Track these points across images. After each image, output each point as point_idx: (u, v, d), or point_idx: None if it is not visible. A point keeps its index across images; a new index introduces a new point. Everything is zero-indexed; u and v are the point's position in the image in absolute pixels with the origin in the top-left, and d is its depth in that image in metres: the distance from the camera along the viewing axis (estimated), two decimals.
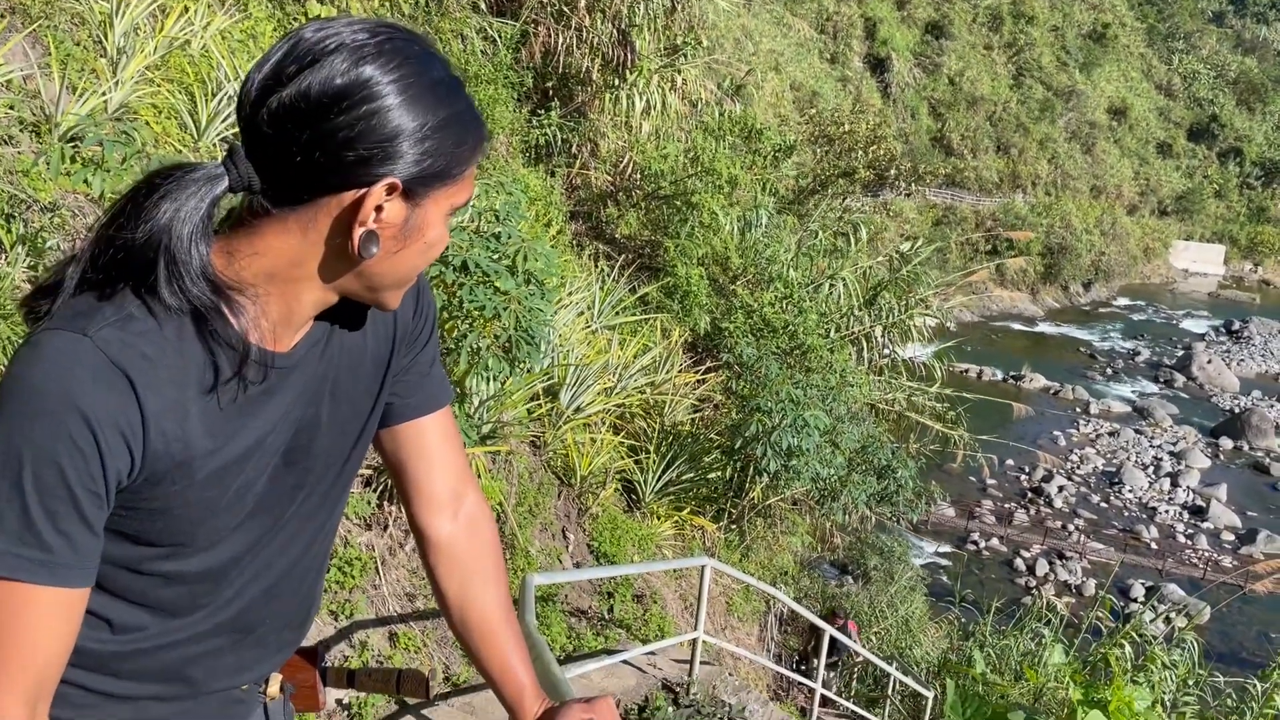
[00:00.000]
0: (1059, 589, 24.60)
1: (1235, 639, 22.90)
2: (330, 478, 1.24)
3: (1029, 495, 29.64)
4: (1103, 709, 2.96)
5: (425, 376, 1.33)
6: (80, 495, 0.96)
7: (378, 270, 1.08)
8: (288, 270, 1.05)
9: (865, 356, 14.18)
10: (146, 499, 1.03)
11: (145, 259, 0.99)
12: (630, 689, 5.53)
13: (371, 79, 0.98)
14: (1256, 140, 74.33)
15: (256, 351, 1.06)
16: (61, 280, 1.02)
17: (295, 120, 0.97)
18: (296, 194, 1.01)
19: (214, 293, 1.01)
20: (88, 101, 5.01)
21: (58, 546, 0.96)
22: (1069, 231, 52.06)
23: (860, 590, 14.75)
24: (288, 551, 1.22)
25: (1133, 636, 10.20)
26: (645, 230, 12.12)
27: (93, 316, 0.98)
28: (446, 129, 1.03)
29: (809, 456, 8.83)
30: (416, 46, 1.03)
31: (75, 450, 0.94)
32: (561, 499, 7.56)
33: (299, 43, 1.00)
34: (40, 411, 0.93)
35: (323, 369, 1.17)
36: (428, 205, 1.06)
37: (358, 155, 0.98)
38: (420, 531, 1.37)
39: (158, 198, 1.00)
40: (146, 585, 1.11)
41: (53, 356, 0.95)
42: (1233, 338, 50.52)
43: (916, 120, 53.28)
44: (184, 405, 1.02)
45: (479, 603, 1.36)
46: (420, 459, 1.34)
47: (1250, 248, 68.82)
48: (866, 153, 18.66)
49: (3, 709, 0.96)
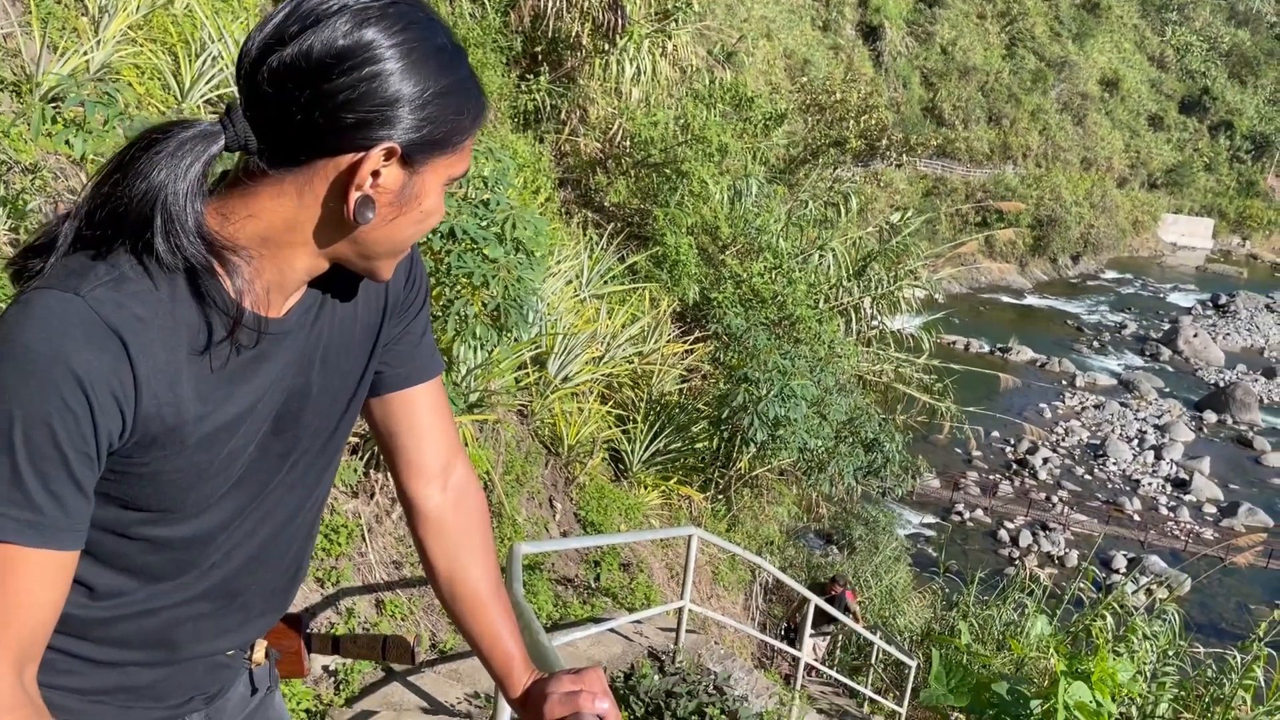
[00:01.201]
0: (1042, 560, 24.83)
1: (1215, 610, 23.19)
2: (318, 446, 1.23)
3: (1014, 467, 29.84)
4: (1086, 680, 2.99)
5: (416, 347, 1.32)
6: (71, 456, 0.95)
7: (372, 238, 1.06)
8: (282, 234, 1.04)
9: (854, 328, 14.19)
10: (136, 463, 1.02)
11: (141, 215, 0.97)
12: (616, 657, 5.56)
13: (374, 41, 0.97)
14: (1248, 114, 74.27)
15: (250, 316, 1.05)
16: (55, 239, 1.00)
17: (295, 79, 0.96)
18: (294, 155, 0.99)
19: (209, 251, 1.00)
20: (69, 61, 4.94)
21: (48, 508, 0.95)
22: (1058, 204, 52.05)
23: (845, 560, 14.84)
24: (274, 518, 1.21)
25: (1114, 608, 10.30)
26: (634, 198, 12.06)
27: (85, 276, 0.96)
28: (447, 96, 1.01)
29: (796, 427, 8.84)
30: (421, 12, 1.02)
31: (67, 411, 0.93)
32: (549, 468, 7.56)
33: (302, 2, 0.98)
34: (31, 371, 0.92)
35: (314, 337, 1.15)
36: (425, 174, 1.04)
37: (357, 118, 0.97)
38: (409, 502, 1.36)
39: (154, 154, 0.98)
40: (131, 550, 1.09)
41: (45, 316, 0.93)
42: (1219, 312, 50.74)
43: (908, 90, 53.05)
44: (176, 368, 1.01)
45: (467, 574, 1.35)
46: (410, 429, 1.33)
47: (1239, 222, 68.93)
48: (858, 122, 18.58)
49: None
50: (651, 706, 4.96)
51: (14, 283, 1.01)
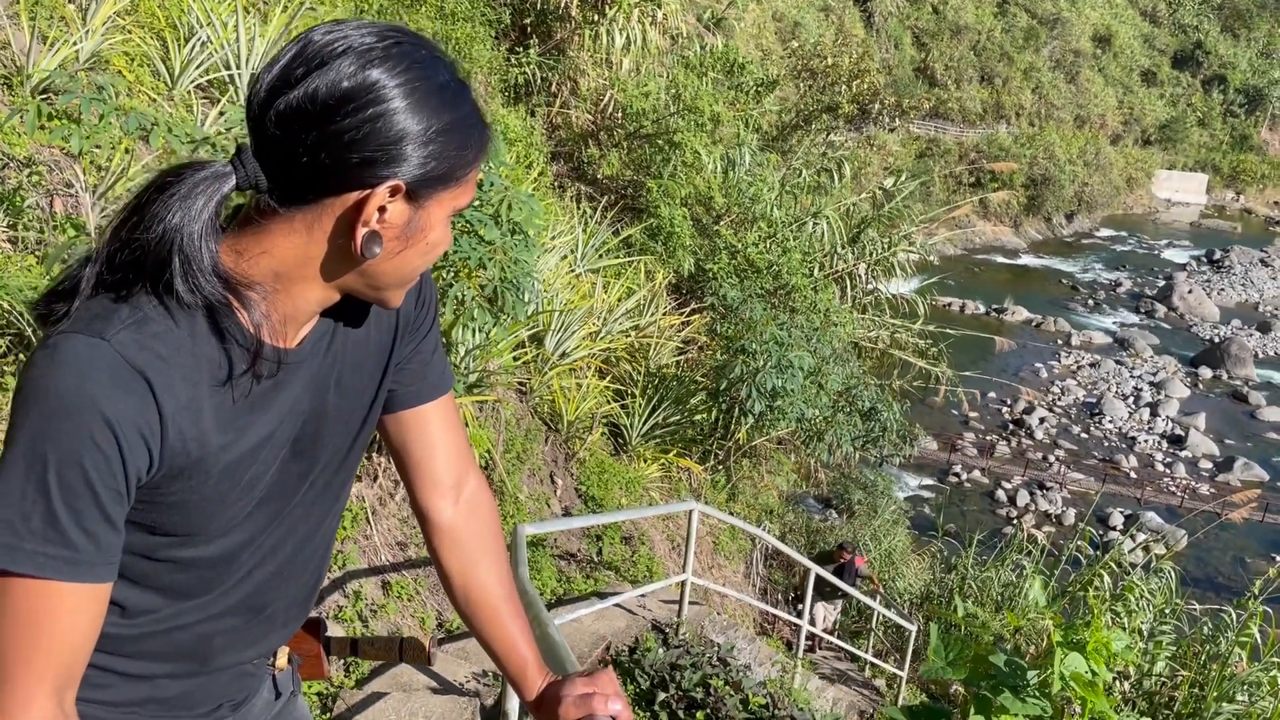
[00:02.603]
0: (1039, 519, 25.00)
1: (1212, 564, 23.40)
2: (335, 464, 1.27)
3: (1010, 427, 29.96)
4: (1081, 650, 3.04)
5: (427, 365, 1.36)
6: (103, 494, 0.99)
7: (380, 270, 1.09)
8: (294, 269, 1.07)
9: (849, 294, 14.21)
10: (164, 493, 1.06)
11: (159, 258, 1.01)
12: (620, 630, 5.63)
13: (378, 82, 1.00)
14: (1240, 67, 73.87)
15: (268, 348, 1.09)
16: (77, 283, 1.03)
17: (302, 122, 0.99)
18: (302, 194, 1.03)
19: (226, 289, 1.04)
20: (59, 52, 4.92)
21: (82, 544, 0.99)
22: (1052, 162, 51.87)
23: (844, 524, 14.95)
24: (295, 534, 1.26)
25: (1111, 567, 10.40)
26: (628, 170, 12.03)
27: (110, 319, 1.00)
28: (450, 133, 1.04)
29: (794, 397, 8.90)
30: (423, 50, 1.04)
31: (97, 451, 0.97)
32: (549, 444, 7.61)
33: (307, 45, 1.01)
34: (63, 415, 0.96)
35: (328, 362, 1.19)
36: (430, 207, 1.07)
37: (362, 157, 1.00)
38: (423, 514, 1.41)
39: (168, 197, 1.02)
40: (160, 571, 1.14)
41: (73, 361, 0.97)
42: (1214, 267, 50.76)
43: (900, 50, 52.69)
44: (198, 403, 1.04)
45: (481, 582, 1.40)
46: (423, 445, 1.38)
47: (1232, 176, 68.76)
48: (850, 87, 18.49)
49: (32, 701, 0.99)
50: (656, 679, 5.03)
51: (40, 325, 1.05)
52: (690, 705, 4.94)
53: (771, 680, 6.16)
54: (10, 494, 0.97)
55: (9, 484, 0.97)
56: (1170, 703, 7.63)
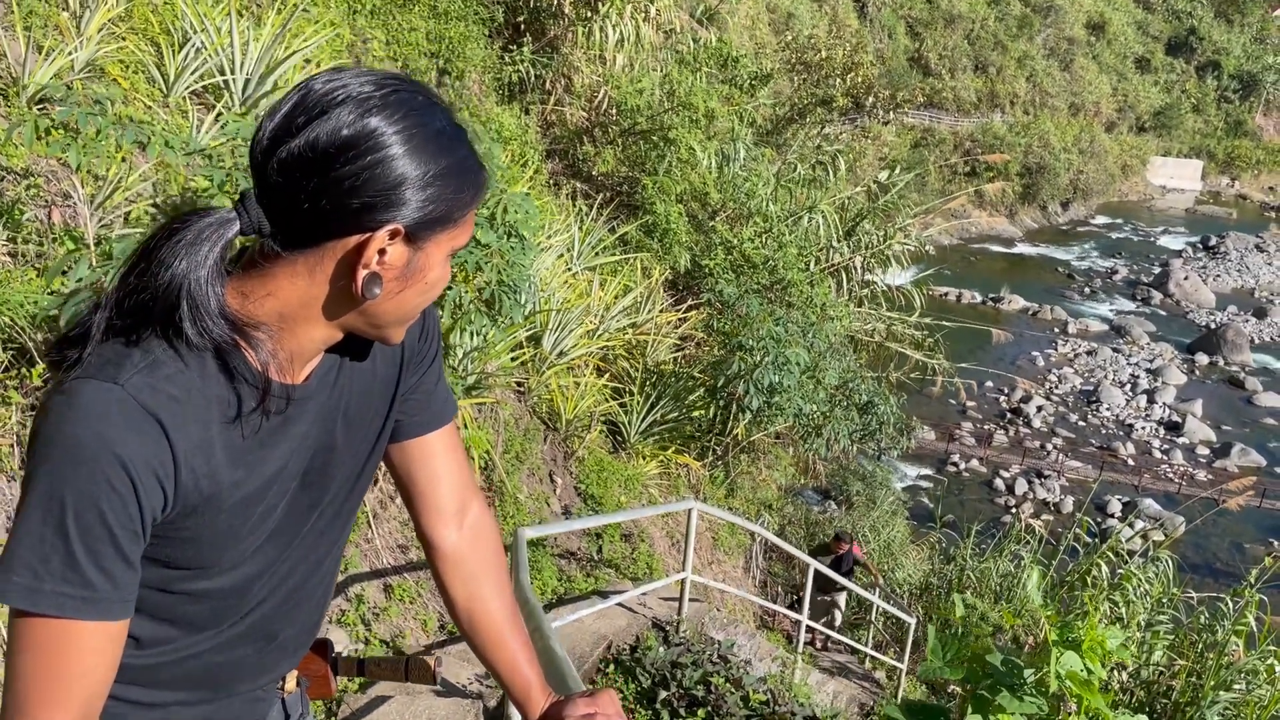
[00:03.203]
0: (1038, 508, 25.05)
1: (1209, 550, 23.48)
2: (344, 495, 1.31)
3: (1008, 416, 30.00)
4: (1076, 648, 3.08)
5: (431, 395, 1.39)
6: (120, 535, 1.02)
7: (380, 310, 1.13)
8: (297, 309, 1.10)
9: (845, 287, 14.23)
10: (178, 530, 1.10)
11: (168, 302, 1.04)
12: (621, 629, 5.66)
13: (377, 130, 1.03)
14: (1234, 53, 73.79)
15: (276, 385, 1.12)
16: (88, 329, 1.06)
17: (303, 169, 1.02)
18: (304, 238, 1.06)
19: (233, 330, 1.07)
20: (55, 62, 4.93)
21: (100, 584, 1.03)
22: (1047, 151, 51.83)
23: (843, 515, 14.99)
24: (305, 563, 1.30)
25: (1109, 556, 10.45)
26: (623, 167, 12.04)
27: (122, 364, 1.03)
28: (448, 176, 1.07)
29: (791, 393, 8.93)
30: (420, 97, 1.08)
31: (114, 494, 1.00)
32: (547, 443, 7.65)
33: (308, 94, 1.04)
34: (80, 459, 0.99)
35: (335, 396, 1.23)
36: (429, 248, 1.10)
37: (363, 202, 1.03)
38: (428, 541, 1.45)
39: (175, 243, 1.05)
40: (173, 603, 1.17)
41: (88, 406, 1.00)
42: (1209, 253, 50.76)
43: (893, 40, 52.58)
44: (210, 441, 1.08)
45: (485, 607, 1.44)
46: (427, 473, 1.41)
47: (1227, 162, 68.75)
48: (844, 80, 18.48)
49: None
50: (658, 678, 5.07)
51: (52, 370, 1.08)
52: (691, 703, 4.98)
53: (772, 675, 6.20)
54: (30, 537, 1.00)
55: (29, 527, 1.00)
56: (1168, 692, 7.69)
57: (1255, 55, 73.80)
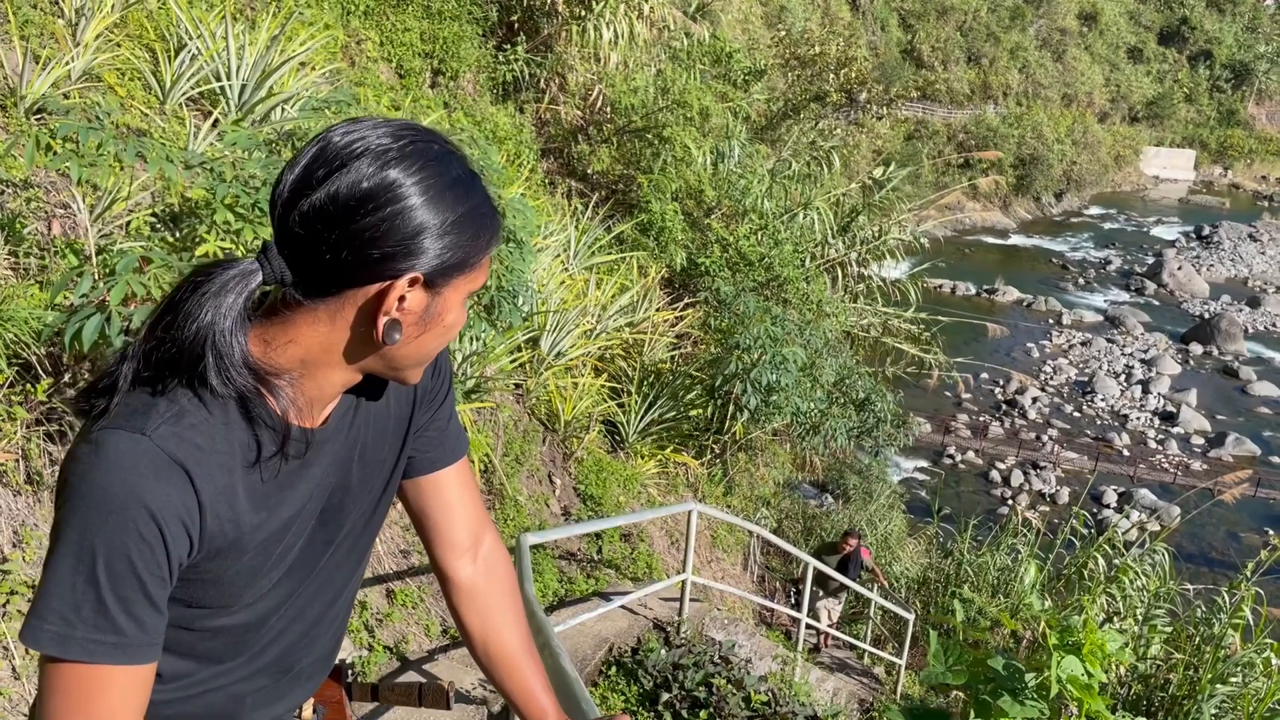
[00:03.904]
0: (1034, 499, 25.14)
1: (1205, 539, 23.58)
2: (359, 530, 1.34)
3: (1003, 408, 30.07)
4: (1076, 652, 3.11)
5: (444, 431, 1.43)
6: (148, 582, 1.05)
7: (400, 354, 1.15)
8: (319, 355, 1.13)
9: (841, 283, 14.26)
10: (201, 572, 1.13)
11: (194, 354, 1.07)
12: (623, 631, 5.70)
13: (395, 182, 1.05)
14: (1226, 42, 73.92)
15: (296, 429, 1.15)
16: (115, 380, 1.09)
17: (324, 222, 1.04)
18: (325, 287, 1.08)
19: (256, 379, 1.10)
20: (52, 72, 4.93)
21: (130, 630, 1.05)
22: (1040, 142, 51.92)
23: (840, 509, 15.02)
24: (322, 596, 1.33)
25: (1105, 550, 10.50)
26: (618, 166, 12.04)
27: (149, 414, 1.05)
28: (464, 224, 1.10)
29: (788, 392, 8.95)
30: (435, 146, 1.10)
31: (142, 543, 1.03)
32: (546, 444, 7.67)
33: (327, 146, 1.06)
34: (109, 509, 1.01)
35: (352, 437, 1.26)
36: (447, 293, 1.13)
37: (383, 252, 1.05)
38: (442, 574, 1.48)
39: (200, 295, 1.08)
40: (195, 639, 1.20)
41: (116, 456, 1.02)
42: (1203, 243, 50.91)
43: (886, 32, 52.59)
44: (233, 486, 1.11)
45: (501, 638, 1.47)
46: (441, 508, 1.44)
47: (1220, 152, 68.93)
48: (838, 76, 18.49)
49: None
50: (660, 680, 5.10)
51: (79, 418, 1.10)
52: (693, 705, 5.01)
53: (773, 674, 6.24)
54: (61, 585, 1.03)
55: (60, 575, 1.03)
56: (1165, 685, 7.74)
57: (1247, 44, 73.95)
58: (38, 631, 1.03)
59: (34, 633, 1.03)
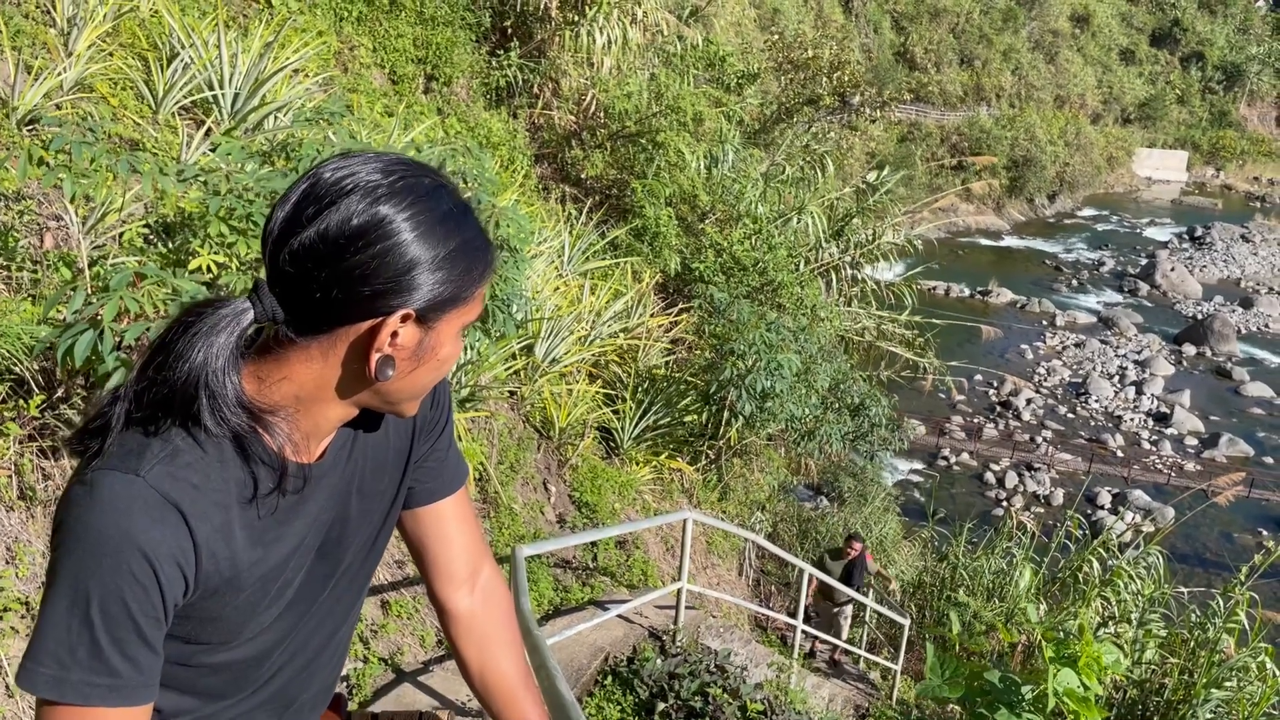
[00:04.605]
0: (1028, 500, 25.17)
1: (1200, 540, 23.62)
2: (359, 562, 1.33)
3: (997, 409, 30.11)
4: (1072, 665, 3.11)
5: (443, 462, 1.42)
6: (143, 623, 1.04)
7: (394, 388, 1.15)
8: (313, 392, 1.12)
9: (835, 287, 14.26)
10: (199, 610, 1.12)
11: (187, 394, 1.06)
12: (618, 640, 5.69)
13: (386, 218, 1.04)
14: (1218, 44, 74.13)
15: (293, 465, 1.14)
16: (108, 421, 1.08)
17: (315, 259, 1.04)
18: (318, 325, 1.08)
19: (251, 418, 1.09)
20: (44, 82, 4.92)
21: (125, 671, 1.05)
22: (1033, 143, 52.03)
23: (835, 511, 15.01)
24: (323, 629, 1.32)
25: (1100, 553, 10.52)
26: (611, 171, 12.04)
27: (143, 455, 1.05)
28: (456, 258, 1.09)
29: (783, 398, 8.94)
30: (427, 180, 1.09)
31: (137, 584, 1.02)
32: (541, 452, 7.66)
33: (317, 183, 1.06)
34: (103, 552, 1.01)
35: (350, 470, 1.25)
36: (440, 327, 1.12)
37: (374, 289, 1.05)
38: (440, 605, 1.47)
39: (191, 335, 1.07)
40: (193, 675, 1.19)
41: (110, 498, 1.02)
42: (1195, 244, 51.02)
43: (879, 35, 52.64)
44: (230, 524, 1.10)
45: (499, 669, 1.46)
46: (439, 539, 1.44)
47: (1212, 153, 69.12)
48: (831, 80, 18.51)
49: None
50: (655, 690, 5.10)
51: (73, 458, 1.09)
52: (690, 714, 5.01)
53: (768, 682, 6.23)
54: (56, 628, 1.02)
55: (54, 617, 1.02)
56: (1160, 690, 7.75)
57: (1239, 46, 74.18)
58: (33, 674, 1.02)
59: (29, 676, 1.02)
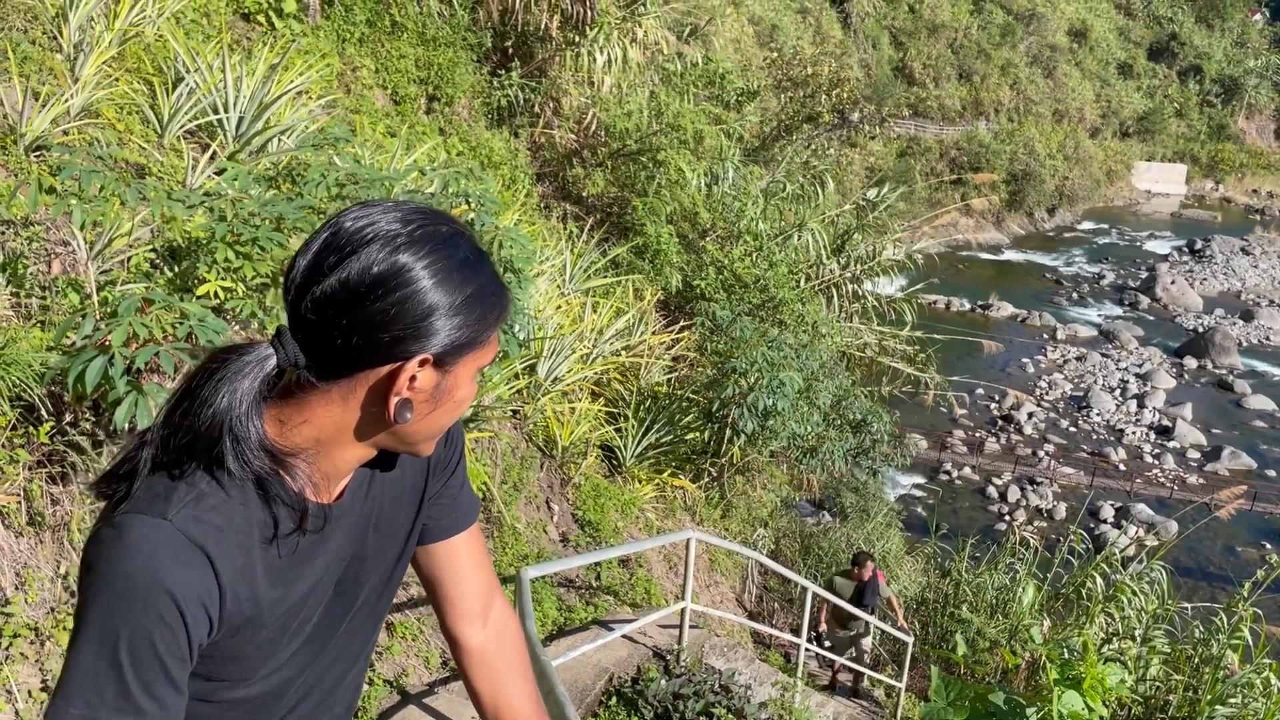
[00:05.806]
0: (1030, 514, 25.15)
1: (1202, 554, 23.58)
2: (375, 598, 1.37)
3: (999, 423, 30.11)
4: (1077, 687, 3.13)
5: (456, 499, 1.45)
6: (170, 664, 1.07)
7: (412, 430, 1.18)
8: (333, 434, 1.16)
9: (836, 303, 14.30)
10: (221, 649, 1.15)
11: (211, 439, 1.09)
12: (622, 660, 5.70)
13: (405, 266, 1.08)
14: (1216, 57, 74.35)
15: (313, 505, 1.17)
16: (135, 465, 1.11)
17: (336, 307, 1.07)
18: (338, 370, 1.11)
19: (273, 461, 1.12)
20: (51, 109, 4.96)
21: (152, 711, 1.07)
22: (1032, 157, 52.16)
23: (837, 527, 15.00)
24: (339, 663, 1.35)
25: (1103, 568, 10.51)
26: (612, 189, 12.11)
27: (170, 499, 1.08)
28: (473, 303, 1.12)
29: (785, 416, 8.96)
30: (444, 228, 1.13)
31: (164, 626, 1.05)
32: (544, 470, 7.67)
33: (339, 232, 1.09)
34: (131, 594, 1.04)
35: (367, 508, 1.28)
36: (457, 370, 1.15)
37: (393, 335, 1.08)
38: (453, 639, 1.50)
39: (216, 381, 1.11)
40: (212, 710, 1.22)
41: (138, 542, 1.05)
42: (1195, 257, 51.09)
43: (878, 50, 52.82)
44: (252, 565, 1.13)
45: (510, 701, 1.49)
46: (453, 575, 1.47)
47: (1211, 166, 69.25)
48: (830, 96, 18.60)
49: None
50: (660, 710, 5.10)
51: (100, 500, 1.12)
52: None
53: (773, 701, 6.23)
54: (85, 668, 1.05)
55: (83, 658, 1.05)
56: (1165, 707, 7.74)
57: (1236, 59, 74.39)
58: (63, 713, 1.05)
59: (60, 714, 1.05)
